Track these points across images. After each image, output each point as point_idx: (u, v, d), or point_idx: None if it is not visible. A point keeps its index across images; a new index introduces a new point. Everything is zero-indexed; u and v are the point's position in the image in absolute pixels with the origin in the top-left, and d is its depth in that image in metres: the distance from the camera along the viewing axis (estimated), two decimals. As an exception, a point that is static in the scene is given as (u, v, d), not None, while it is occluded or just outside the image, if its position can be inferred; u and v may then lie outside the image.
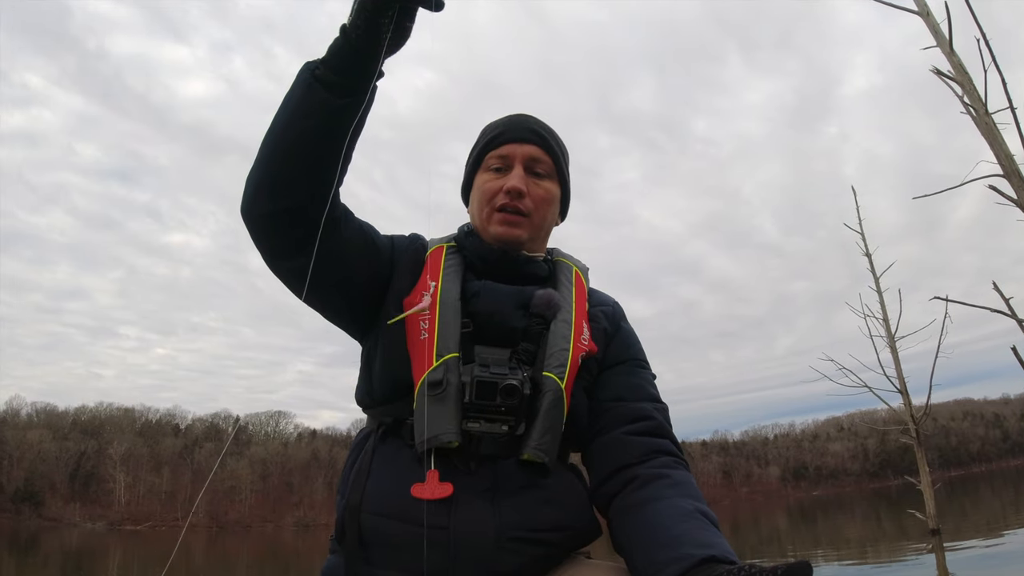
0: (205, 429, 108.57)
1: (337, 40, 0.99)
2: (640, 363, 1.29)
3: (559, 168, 1.29)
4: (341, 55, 0.99)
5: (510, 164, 1.24)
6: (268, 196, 1.04)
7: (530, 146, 1.25)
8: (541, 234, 1.29)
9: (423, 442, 1.05)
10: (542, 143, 1.26)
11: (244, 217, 1.08)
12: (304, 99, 1.00)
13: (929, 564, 8.59)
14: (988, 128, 3.08)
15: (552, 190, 1.27)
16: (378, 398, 1.17)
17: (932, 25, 3.42)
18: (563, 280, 1.28)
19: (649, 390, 1.25)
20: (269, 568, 25.73)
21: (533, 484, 1.08)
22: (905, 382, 8.71)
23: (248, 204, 1.07)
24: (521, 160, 1.24)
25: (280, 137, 1.03)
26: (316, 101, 1.00)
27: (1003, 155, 3.04)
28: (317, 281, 1.08)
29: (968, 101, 3.19)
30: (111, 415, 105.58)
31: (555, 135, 1.30)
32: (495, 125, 1.30)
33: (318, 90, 0.99)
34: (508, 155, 1.24)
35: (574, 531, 1.11)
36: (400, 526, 1.02)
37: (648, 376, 1.29)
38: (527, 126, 1.27)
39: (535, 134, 1.26)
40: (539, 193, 1.25)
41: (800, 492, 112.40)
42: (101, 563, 28.00)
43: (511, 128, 1.26)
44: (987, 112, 3.09)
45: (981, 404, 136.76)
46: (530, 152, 1.24)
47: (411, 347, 1.13)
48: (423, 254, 1.24)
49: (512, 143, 1.25)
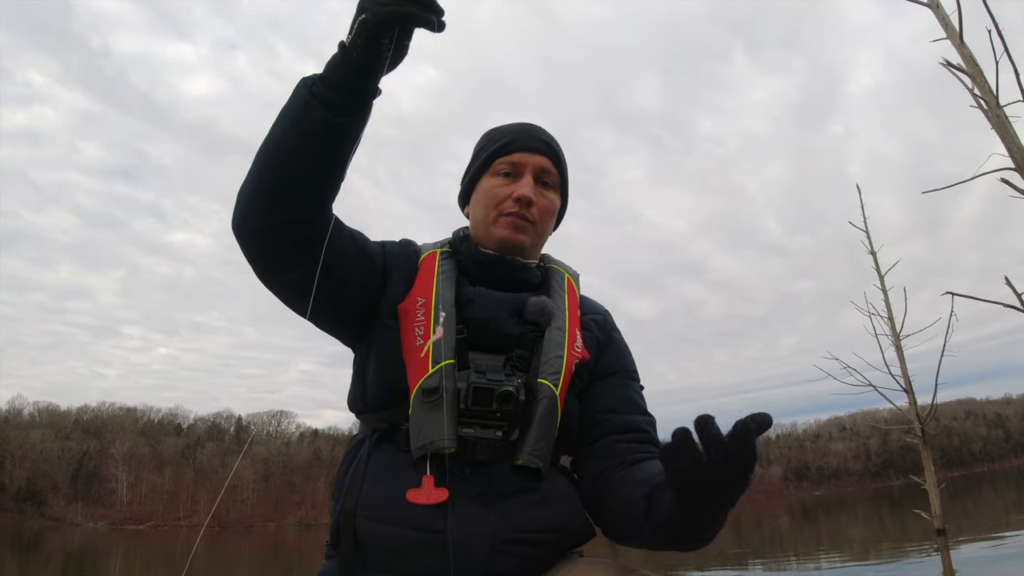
0: (207, 429, 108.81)
1: (336, 58, 0.98)
2: (631, 375, 1.31)
3: (563, 181, 1.32)
4: (340, 73, 0.98)
5: (520, 172, 1.25)
6: (262, 211, 1.03)
7: (541, 157, 1.26)
8: (539, 243, 1.31)
9: (419, 448, 1.05)
10: (552, 155, 1.28)
11: (236, 232, 1.07)
12: (301, 116, 0.99)
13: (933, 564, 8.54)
14: (999, 121, 3.03)
15: (556, 202, 1.30)
16: (372, 404, 1.17)
17: (942, 17, 3.36)
18: (556, 287, 1.30)
19: (639, 403, 1.27)
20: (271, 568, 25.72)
21: (527, 488, 1.09)
22: (911, 381, 8.65)
23: (240, 219, 1.05)
24: (532, 170, 1.25)
25: (276, 153, 1.02)
26: (314, 119, 0.98)
27: (1015, 148, 2.99)
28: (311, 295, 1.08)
29: (979, 94, 3.14)
30: (113, 415, 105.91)
31: (560, 148, 1.32)
32: (505, 131, 1.30)
33: (316, 108, 0.98)
34: (519, 163, 1.25)
35: (568, 532, 1.12)
36: (396, 530, 1.02)
37: (637, 388, 1.30)
38: (539, 136, 1.28)
39: (547, 145, 1.28)
40: (545, 204, 1.26)
41: (802, 492, 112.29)
42: (103, 563, 28.01)
43: (523, 136, 1.27)
44: (998, 105, 3.04)
45: (983, 404, 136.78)
46: (541, 163, 1.26)
47: (406, 353, 1.13)
48: (416, 260, 1.25)
49: (524, 152, 1.26)
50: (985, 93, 3.10)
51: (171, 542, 48.52)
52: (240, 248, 1.07)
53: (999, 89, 3.02)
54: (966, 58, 3.22)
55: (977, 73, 3.17)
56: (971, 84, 3.18)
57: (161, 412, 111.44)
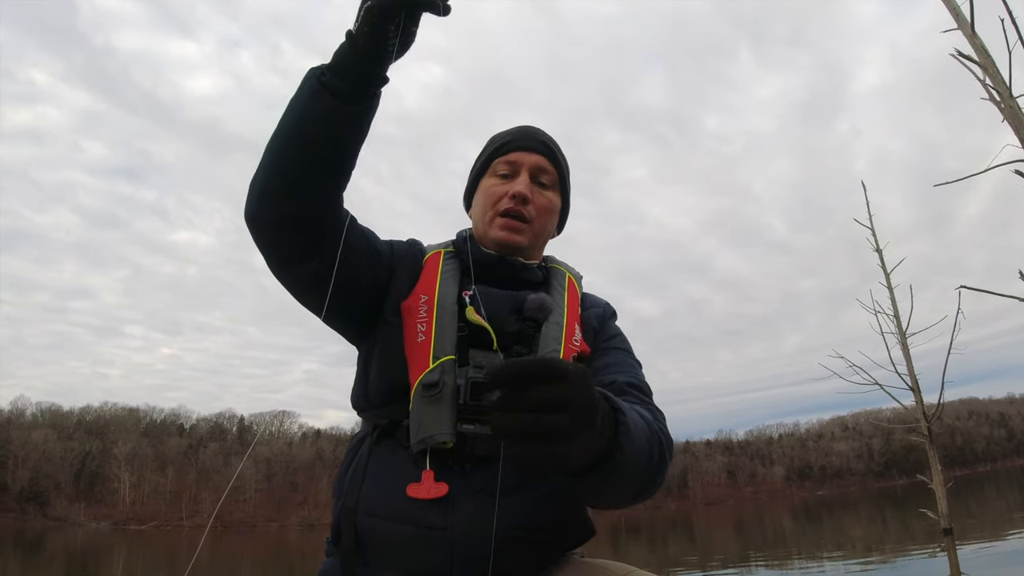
0: (209, 429, 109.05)
1: (343, 46, 0.99)
2: (625, 352, 1.30)
3: (562, 180, 1.33)
4: (347, 61, 0.99)
5: (517, 171, 1.27)
6: (273, 203, 1.05)
7: (537, 155, 1.28)
8: (540, 242, 1.32)
9: (419, 442, 1.05)
10: (549, 154, 1.30)
11: (249, 223, 1.08)
12: (310, 106, 1.00)
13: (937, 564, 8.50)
14: (1013, 112, 2.99)
15: (555, 200, 1.31)
16: (374, 401, 1.18)
17: (952, 7, 3.31)
18: (556, 285, 1.31)
19: (635, 369, 1.26)
20: (273, 568, 25.76)
21: (527, 484, 1.09)
22: (917, 379, 8.60)
23: (252, 210, 1.07)
24: (528, 168, 1.27)
25: (285, 144, 1.03)
26: (323, 108, 0.99)
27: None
28: (323, 290, 1.09)
29: (991, 84, 3.09)
30: (116, 415, 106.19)
31: (560, 149, 1.34)
32: (504, 134, 1.33)
33: (325, 97, 0.99)
34: (516, 162, 1.28)
35: (568, 530, 1.12)
36: (397, 527, 1.03)
37: (633, 360, 1.29)
38: (536, 136, 1.31)
39: (543, 145, 1.30)
40: (542, 202, 1.28)
41: (805, 492, 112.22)
42: (106, 563, 28.10)
43: (520, 137, 1.30)
44: (1011, 95, 3.00)
45: (986, 403, 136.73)
46: (537, 161, 1.28)
47: (408, 349, 1.14)
48: (420, 260, 1.27)
49: (520, 151, 1.28)
50: (998, 84, 3.05)
51: (173, 542, 48.64)
52: (254, 240, 1.09)
53: (1012, 79, 2.97)
54: (978, 48, 3.17)
55: (989, 63, 3.12)
56: (983, 75, 3.14)
57: (163, 412, 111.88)
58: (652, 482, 0.96)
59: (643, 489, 0.95)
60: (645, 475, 0.92)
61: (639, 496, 0.96)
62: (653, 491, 0.99)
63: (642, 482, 0.93)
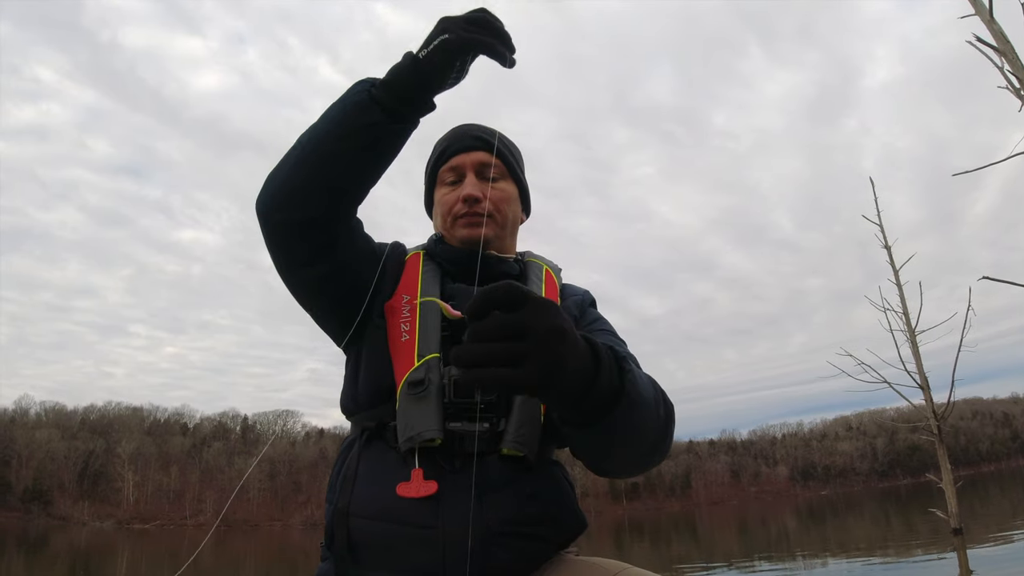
0: (213, 428, 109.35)
1: (405, 66, 1.01)
2: (609, 333, 1.27)
3: (510, 167, 1.32)
4: (407, 83, 1.01)
5: (462, 174, 1.28)
6: (293, 203, 1.06)
7: (477, 152, 1.28)
8: (507, 232, 1.31)
9: (406, 440, 1.06)
10: (487, 147, 1.29)
11: (262, 220, 1.09)
12: (355, 116, 1.02)
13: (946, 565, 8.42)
14: (1033, 99, 2.90)
15: (508, 189, 1.31)
16: (362, 403, 1.18)
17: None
18: (532, 277, 1.31)
19: (623, 346, 1.22)
20: (276, 567, 25.77)
21: (517, 480, 1.09)
22: (926, 377, 8.51)
23: (268, 207, 1.08)
24: (471, 167, 1.27)
25: (319, 148, 1.04)
26: (368, 121, 1.02)
27: (1051, 127, 2.86)
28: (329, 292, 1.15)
29: (1011, 71, 3.01)
30: (119, 414, 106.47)
31: (502, 137, 1.33)
32: (441, 140, 1.34)
33: (374, 111, 1.01)
34: (458, 165, 1.28)
35: (560, 525, 1.12)
36: (388, 527, 1.03)
37: (618, 340, 1.26)
38: (471, 134, 1.31)
39: (479, 140, 1.29)
40: (496, 195, 1.28)
41: (809, 492, 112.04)
42: (109, 562, 28.16)
43: (456, 139, 1.30)
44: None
45: (990, 403, 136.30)
46: (478, 158, 1.28)
47: (393, 349, 1.15)
48: (403, 260, 1.29)
49: (460, 153, 1.28)
50: (1017, 70, 2.98)
51: (177, 541, 48.70)
52: (264, 238, 1.10)
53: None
54: (996, 34, 3.09)
55: (1008, 50, 3.04)
56: (1001, 61, 3.06)
57: (167, 411, 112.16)
58: (662, 439, 0.94)
59: (654, 446, 0.93)
60: (655, 429, 0.90)
61: (651, 455, 0.95)
62: (663, 450, 0.96)
63: (653, 436, 0.91)
